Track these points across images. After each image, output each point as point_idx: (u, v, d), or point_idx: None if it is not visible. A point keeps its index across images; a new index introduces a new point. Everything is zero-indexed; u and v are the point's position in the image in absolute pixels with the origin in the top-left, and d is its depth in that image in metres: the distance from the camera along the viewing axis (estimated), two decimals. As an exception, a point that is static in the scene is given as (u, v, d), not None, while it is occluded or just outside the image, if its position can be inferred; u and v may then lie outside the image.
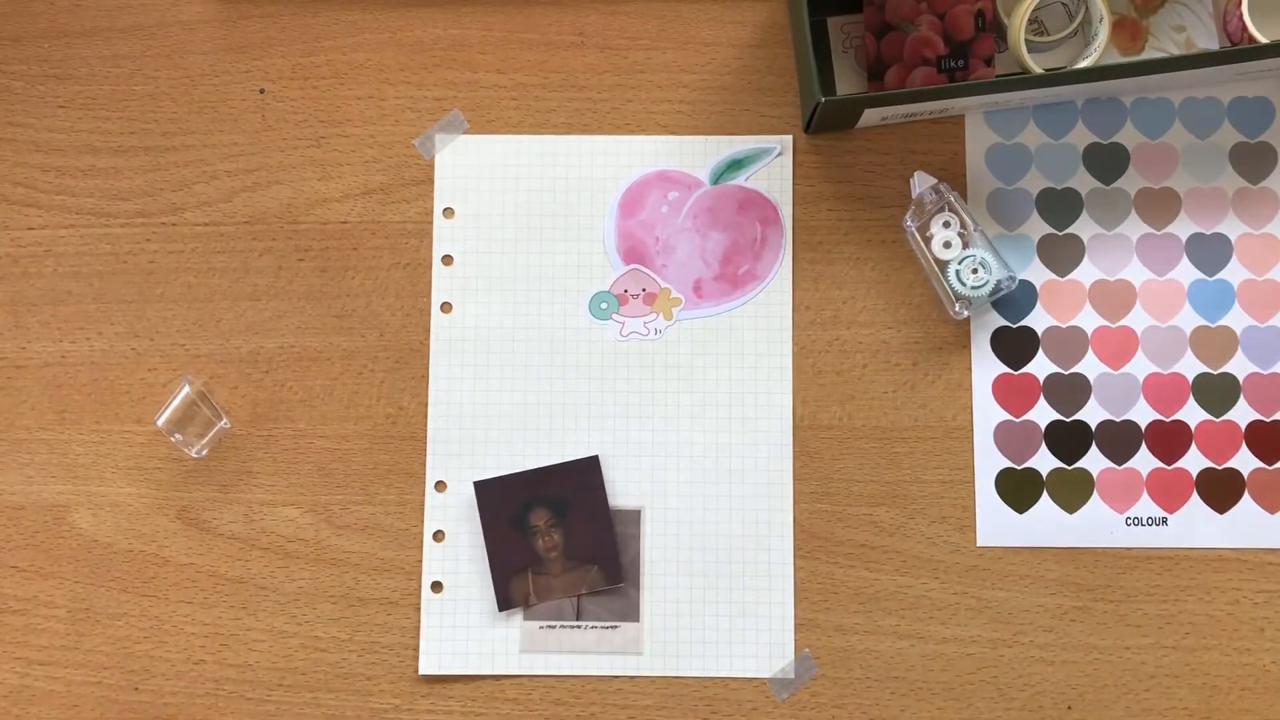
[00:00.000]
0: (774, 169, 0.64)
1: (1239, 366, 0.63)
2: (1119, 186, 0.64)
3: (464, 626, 0.62)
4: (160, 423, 0.62)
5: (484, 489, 0.62)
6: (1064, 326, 0.63)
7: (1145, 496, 0.62)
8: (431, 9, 0.65)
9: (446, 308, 0.64)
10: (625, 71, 0.65)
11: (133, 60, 0.65)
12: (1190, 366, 0.63)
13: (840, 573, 0.62)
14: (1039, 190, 0.64)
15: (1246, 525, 0.62)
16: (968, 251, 0.62)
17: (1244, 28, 0.61)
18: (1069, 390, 0.63)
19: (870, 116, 0.62)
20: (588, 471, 0.62)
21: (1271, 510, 0.62)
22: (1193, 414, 0.63)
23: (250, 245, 0.64)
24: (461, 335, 0.64)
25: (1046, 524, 0.62)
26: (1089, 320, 0.63)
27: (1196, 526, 0.62)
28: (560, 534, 0.61)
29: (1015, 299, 0.63)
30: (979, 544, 0.62)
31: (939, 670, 0.61)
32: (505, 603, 0.61)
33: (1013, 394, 0.63)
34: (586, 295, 0.64)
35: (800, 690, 0.61)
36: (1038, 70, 0.61)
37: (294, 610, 0.62)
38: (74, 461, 0.63)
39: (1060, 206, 0.64)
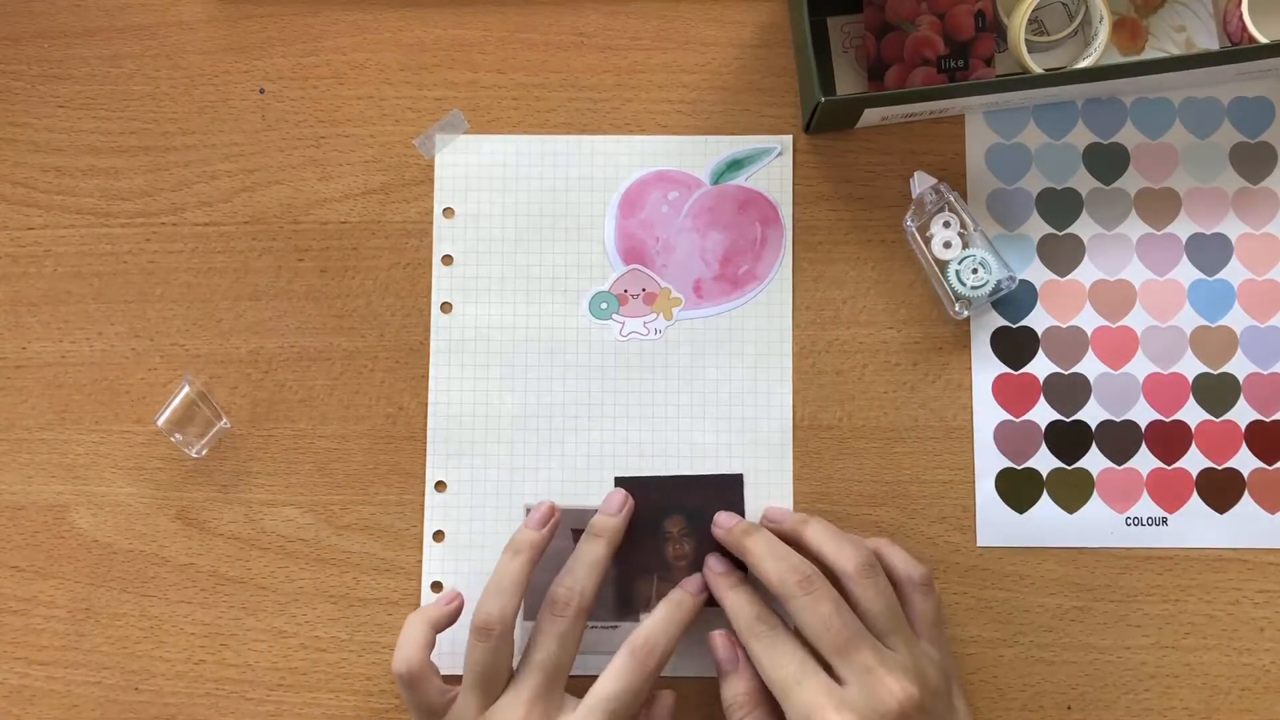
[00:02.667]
0: (774, 169, 0.64)
1: (1239, 366, 0.63)
2: (1119, 186, 0.64)
3: (463, 626, 0.61)
4: (160, 423, 0.62)
5: (624, 486, 0.62)
6: (1064, 326, 0.63)
7: (1145, 496, 0.62)
8: (431, 9, 0.65)
9: (446, 308, 0.64)
10: (625, 71, 0.65)
11: (133, 60, 0.65)
12: (1190, 366, 0.63)
13: (840, 573, 0.62)
14: (1039, 190, 0.64)
15: (1246, 525, 0.62)
16: (968, 251, 0.62)
17: (1244, 28, 0.61)
18: (1069, 390, 0.63)
19: (870, 116, 0.62)
20: (730, 488, 0.62)
21: (1271, 510, 0.62)
22: (1193, 414, 0.63)
23: (250, 245, 0.64)
24: (461, 335, 0.64)
25: (1046, 524, 0.62)
26: (1089, 320, 0.63)
27: (1196, 526, 0.62)
28: (691, 545, 0.61)
29: (1015, 299, 0.63)
30: (979, 544, 0.62)
31: (939, 670, 0.61)
32: (624, 604, 0.61)
33: (1013, 394, 0.63)
34: (586, 295, 0.64)
35: (800, 690, 0.61)
36: (1038, 70, 0.61)
37: (294, 610, 0.62)
38: (74, 461, 0.63)
39: (1060, 206, 0.64)
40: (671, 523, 0.61)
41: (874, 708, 0.52)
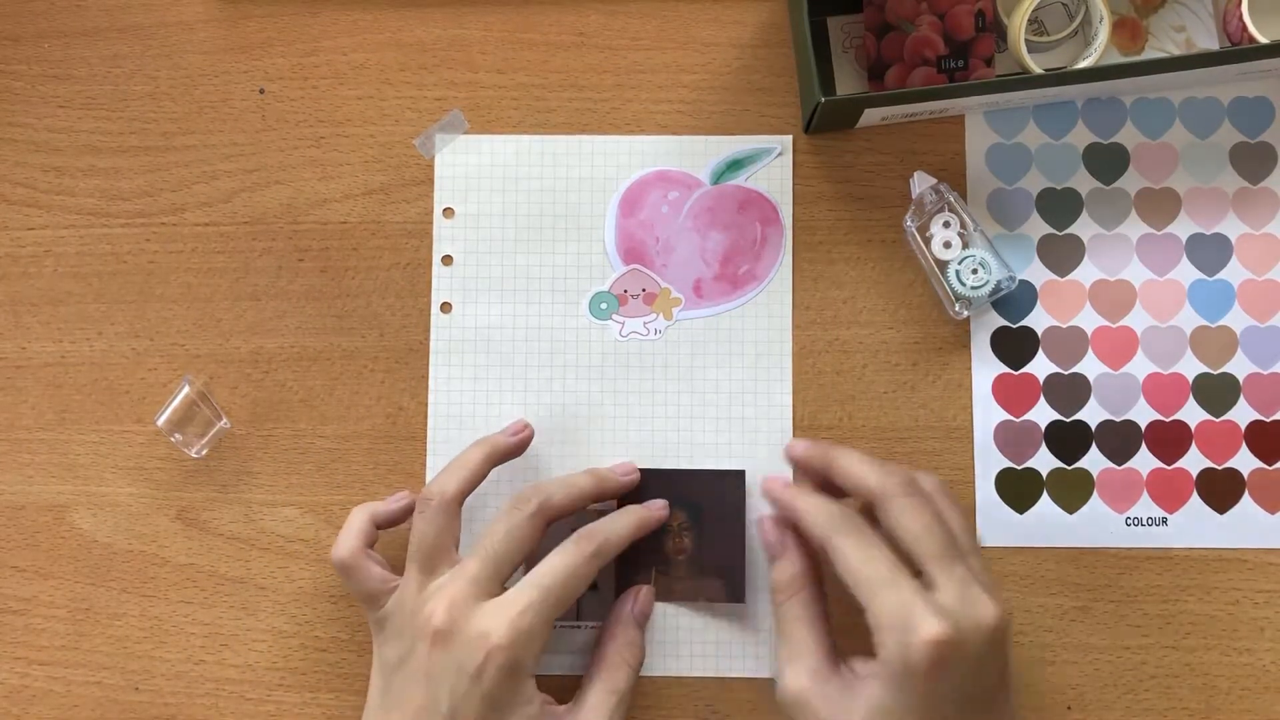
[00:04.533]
0: (774, 169, 0.64)
1: (1239, 366, 0.63)
2: (1119, 186, 0.64)
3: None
4: (160, 423, 0.62)
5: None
6: (1064, 326, 0.63)
7: (1145, 496, 0.62)
8: (431, 9, 0.65)
9: (446, 308, 0.64)
10: (625, 71, 0.65)
11: (133, 60, 0.65)
12: (1190, 366, 0.63)
13: (840, 573, 0.62)
14: (1039, 190, 0.64)
15: (1246, 525, 0.62)
16: (967, 252, 0.62)
17: (1244, 28, 0.61)
18: (1069, 390, 0.63)
19: (870, 116, 0.62)
20: (732, 484, 0.62)
21: (1271, 510, 0.62)
22: (1193, 414, 0.63)
23: (250, 245, 0.64)
24: (461, 335, 0.64)
25: (1046, 524, 0.62)
26: (1089, 320, 0.63)
27: (1196, 526, 0.62)
28: (691, 539, 0.61)
29: (1015, 299, 0.63)
30: (979, 544, 0.62)
31: (939, 670, 0.61)
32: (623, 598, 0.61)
33: (1013, 394, 0.63)
34: (586, 295, 0.64)
35: (800, 690, 0.61)
36: (1038, 70, 0.61)
37: (294, 610, 0.62)
38: (74, 461, 0.63)
39: (1060, 206, 0.64)
40: (671, 516, 0.61)
41: (972, 620, 0.50)
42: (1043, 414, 0.63)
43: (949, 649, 0.49)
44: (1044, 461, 0.62)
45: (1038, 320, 0.63)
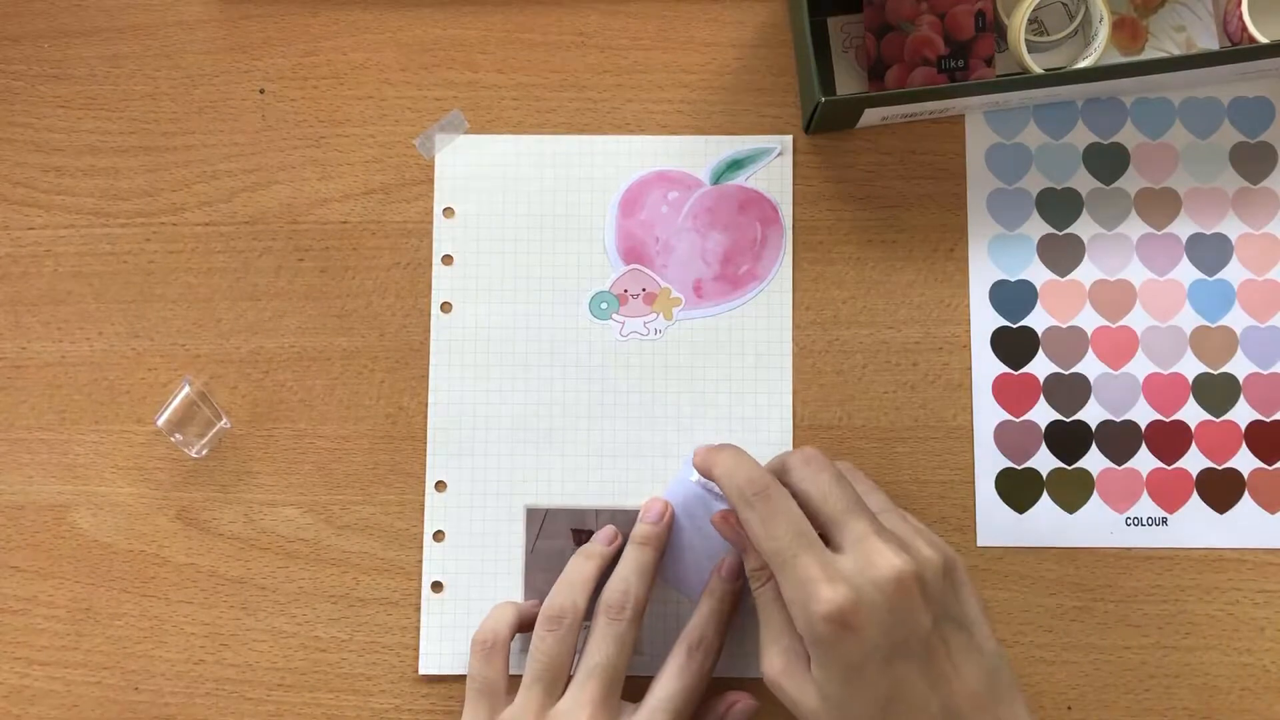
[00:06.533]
0: (774, 169, 0.64)
1: (1239, 366, 0.63)
2: (1119, 186, 0.64)
3: (464, 626, 0.62)
4: (160, 423, 0.62)
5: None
6: (1064, 326, 0.63)
7: (1145, 496, 0.62)
8: (431, 9, 0.65)
9: (446, 308, 0.64)
10: (625, 71, 0.65)
11: (133, 60, 0.65)
12: (1190, 366, 0.63)
13: (840, 573, 0.62)
14: (1039, 190, 0.64)
15: (1246, 525, 0.62)
16: None
17: (1244, 28, 0.61)
18: (1069, 390, 0.63)
19: (870, 116, 0.62)
20: None
21: (1271, 510, 0.62)
22: (1193, 414, 0.63)
23: (250, 245, 0.64)
24: (461, 335, 0.64)
25: (1046, 524, 0.62)
26: (1089, 320, 0.63)
27: (1196, 526, 0.62)
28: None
29: (1015, 299, 0.63)
30: (979, 544, 0.62)
31: (939, 670, 0.61)
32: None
33: (1013, 394, 0.63)
34: (586, 295, 0.64)
35: (800, 690, 0.61)
36: (1038, 70, 0.61)
37: (294, 610, 0.62)
38: (74, 461, 0.63)
39: (1060, 206, 0.64)
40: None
41: (869, 578, 0.50)
42: (1043, 414, 0.63)
43: (849, 614, 0.49)
44: (1044, 461, 0.62)
45: (1038, 320, 0.63)
